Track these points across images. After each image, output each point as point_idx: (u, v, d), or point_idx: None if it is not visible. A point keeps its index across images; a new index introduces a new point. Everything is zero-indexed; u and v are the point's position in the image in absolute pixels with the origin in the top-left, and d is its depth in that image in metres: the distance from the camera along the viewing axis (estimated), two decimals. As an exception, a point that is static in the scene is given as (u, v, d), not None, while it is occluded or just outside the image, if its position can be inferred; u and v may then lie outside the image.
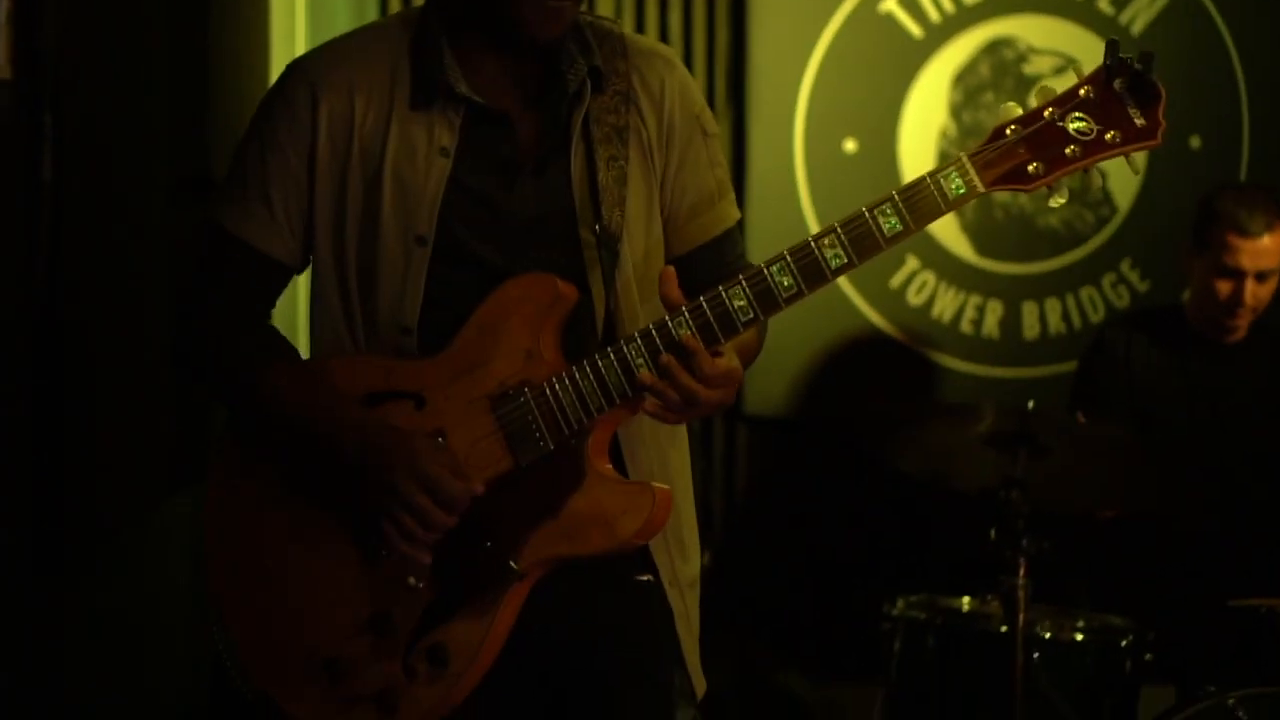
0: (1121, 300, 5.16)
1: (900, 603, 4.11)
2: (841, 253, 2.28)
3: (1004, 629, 3.78)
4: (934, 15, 5.20)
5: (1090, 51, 5.15)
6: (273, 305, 2.59)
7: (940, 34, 5.20)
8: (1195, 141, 5.18)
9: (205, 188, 4.00)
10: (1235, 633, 3.96)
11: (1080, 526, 4.33)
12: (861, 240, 2.28)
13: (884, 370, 5.20)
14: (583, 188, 2.45)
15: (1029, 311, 5.20)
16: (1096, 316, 5.14)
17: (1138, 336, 4.52)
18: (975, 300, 5.20)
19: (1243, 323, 4.39)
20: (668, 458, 2.55)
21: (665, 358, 2.30)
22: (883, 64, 5.22)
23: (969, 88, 5.23)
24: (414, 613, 2.38)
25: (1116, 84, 2.26)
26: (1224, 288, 4.34)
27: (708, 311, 2.31)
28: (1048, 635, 3.90)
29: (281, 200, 2.46)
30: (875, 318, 5.20)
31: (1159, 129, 2.28)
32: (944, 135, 5.24)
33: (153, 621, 3.65)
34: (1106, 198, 5.25)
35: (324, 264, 2.49)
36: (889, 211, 2.28)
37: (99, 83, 3.18)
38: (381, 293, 2.44)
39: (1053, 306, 5.20)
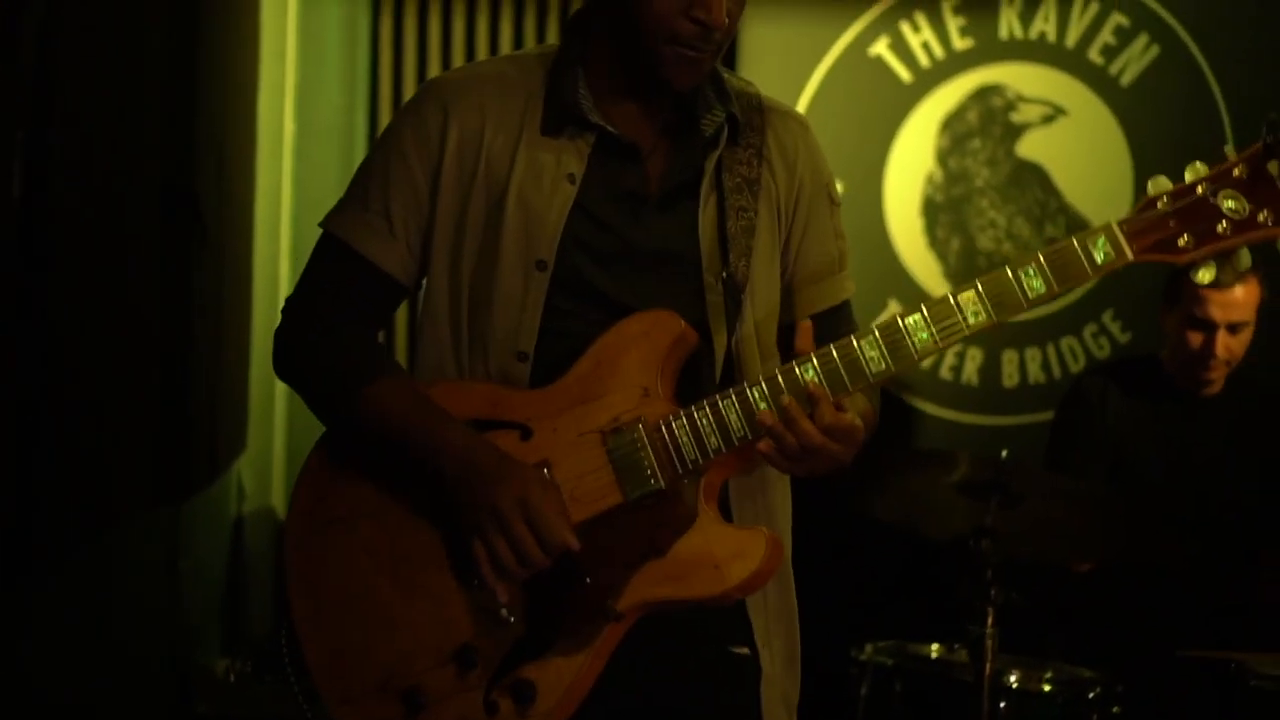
0: (1102, 351, 5.17)
1: (869, 648, 4.09)
2: (981, 311, 2.27)
3: (971, 678, 3.76)
4: (924, 60, 5.21)
5: (1078, 101, 5.18)
6: (383, 323, 2.55)
7: (929, 79, 5.22)
8: (1181, 194, 5.19)
9: (191, 204, 4.00)
10: (1202, 686, 3.96)
11: (1051, 577, 4.32)
12: (1003, 299, 2.26)
13: (862, 413, 5.18)
14: (710, 233, 2.42)
15: (1009, 360, 5.21)
16: (1077, 366, 5.14)
17: (1114, 387, 4.50)
18: (955, 347, 5.19)
19: (1216, 375, 4.38)
20: (775, 514, 2.49)
21: (787, 399, 2.24)
22: (871, 108, 5.23)
23: (956, 134, 5.25)
24: (502, 646, 2.31)
25: (1271, 165, 2.22)
26: (1196, 339, 4.33)
27: (836, 359, 2.27)
28: (1015, 685, 3.88)
29: (402, 217, 2.43)
30: (855, 360, 5.19)
31: None
32: (930, 180, 5.25)
33: (121, 631, 3.63)
34: (1090, 248, 5.26)
35: (438, 284, 2.44)
36: (1033, 272, 2.25)
37: (83, 96, 3.17)
38: (497, 317, 2.39)
39: (1033, 355, 5.21)
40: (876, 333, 2.28)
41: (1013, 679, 3.89)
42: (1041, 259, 2.25)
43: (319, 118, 5.19)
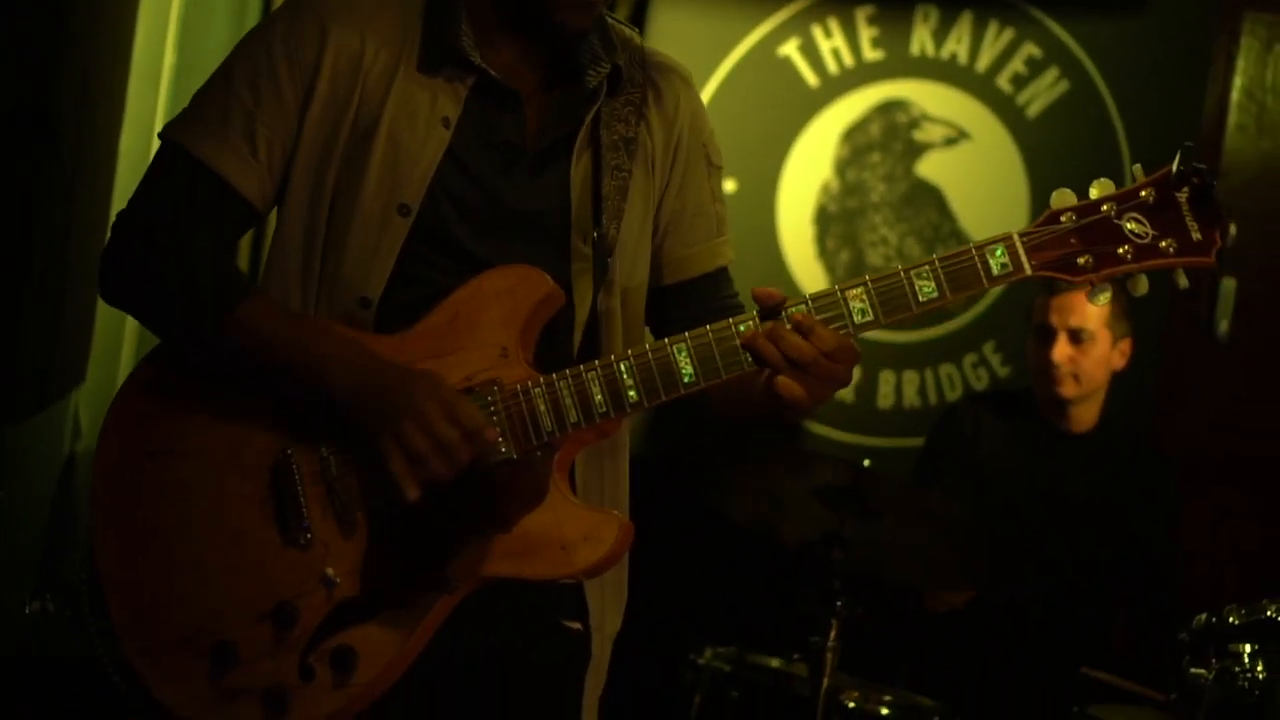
0: (980, 382, 5.08)
1: (708, 652, 3.98)
2: (868, 308, 2.16)
3: (808, 692, 3.65)
4: (832, 67, 5.11)
5: (983, 126, 5.09)
6: (231, 248, 2.39)
7: (836, 87, 5.12)
8: (1075, 233, 5.12)
9: (48, 128, 3.82)
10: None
11: (901, 600, 4.22)
12: (892, 300, 2.16)
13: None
14: (583, 192, 2.31)
15: (885, 381, 5.10)
16: (953, 394, 5.05)
17: (988, 417, 4.44)
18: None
19: (1066, 391, 4.27)
20: (620, 482, 2.39)
21: (771, 326, 2.15)
22: (774, 109, 5.13)
23: (857, 145, 5.15)
24: (323, 608, 2.17)
25: (1180, 194, 2.14)
26: (1037, 349, 4.28)
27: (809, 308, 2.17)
28: (852, 705, 3.78)
29: (266, 139, 2.26)
30: (729, 364, 5.07)
31: (1214, 248, 2.15)
32: (825, 189, 5.15)
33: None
34: (979, 277, 5.18)
35: (293, 215, 2.28)
36: (926, 274, 2.15)
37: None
38: (348, 257, 2.25)
39: (910, 379, 5.11)
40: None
41: (850, 700, 3.78)
42: (936, 263, 2.16)
43: (202, 52, 5.00)
